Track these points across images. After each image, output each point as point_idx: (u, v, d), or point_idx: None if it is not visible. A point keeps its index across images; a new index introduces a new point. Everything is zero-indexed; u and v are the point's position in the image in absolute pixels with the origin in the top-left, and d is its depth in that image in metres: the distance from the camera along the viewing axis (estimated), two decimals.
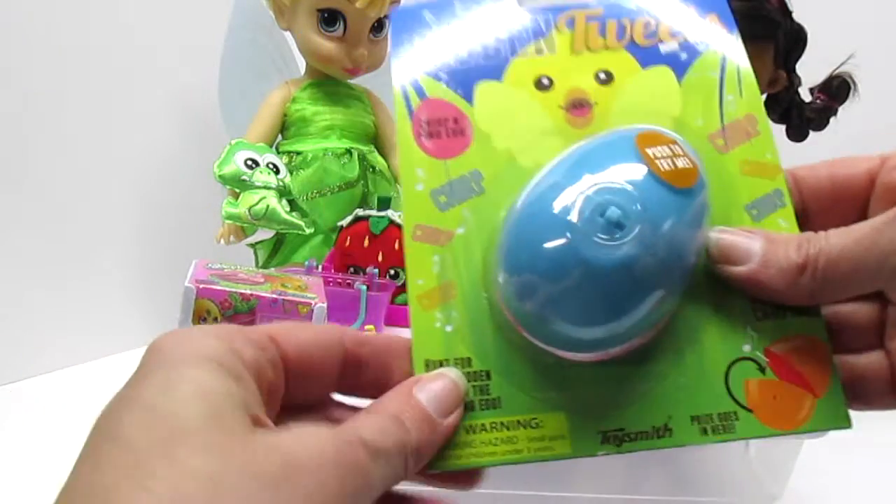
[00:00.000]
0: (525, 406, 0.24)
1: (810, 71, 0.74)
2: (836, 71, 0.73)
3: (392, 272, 0.73)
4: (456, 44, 0.28)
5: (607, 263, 0.22)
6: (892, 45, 0.98)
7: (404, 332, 0.25)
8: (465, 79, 0.27)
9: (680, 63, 0.27)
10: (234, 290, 0.56)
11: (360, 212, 0.74)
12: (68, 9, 0.83)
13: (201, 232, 0.81)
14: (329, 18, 0.77)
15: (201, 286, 0.55)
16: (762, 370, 0.24)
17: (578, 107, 0.27)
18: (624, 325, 0.23)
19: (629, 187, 0.23)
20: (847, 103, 0.74)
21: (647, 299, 0.23)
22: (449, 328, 0.25)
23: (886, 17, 1.05)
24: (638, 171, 0.23)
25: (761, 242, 0.24)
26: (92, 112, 0.86)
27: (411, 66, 0.28)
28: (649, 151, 0.24)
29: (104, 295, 0.90)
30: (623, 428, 0.24)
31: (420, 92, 0.27)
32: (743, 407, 0.24)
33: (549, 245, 0.23)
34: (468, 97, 0.27)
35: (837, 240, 0.23)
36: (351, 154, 0.79)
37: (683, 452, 0.70)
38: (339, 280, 0.70)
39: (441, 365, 0.24)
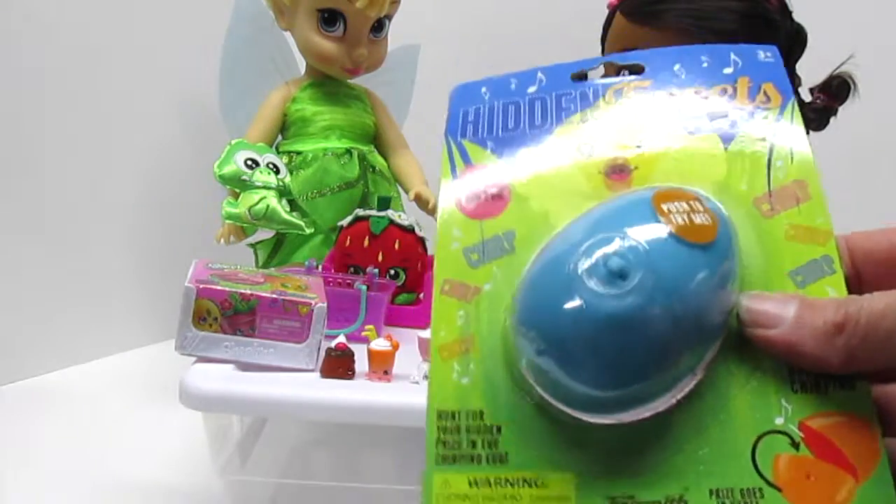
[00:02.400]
0: (531, 463, 0.24)
1: (810, 71, 0.74)
2: (836, 71, 0.73)
3: (392, 272, 0.73)
4: (505, 115, 0.29)
5: (611, 313, 0.22)
6: (893, 45, 0.98)
7: (405, 332, 0.25)
8: (509, 145, 0.28)
9: (727, 131, 0.27)
10: (234, 290, 0.56)
11: (360, 212, 0.74)
12: (68, 9, 0.83)
13: (201, 232, 0.81)
14: (329, 18, 0.77)
15: (201, 286, 0.55)
16: (795, 446, 0.22)
17: (618, 171, 0.27)
18: (631, 384, 0.23)
19: (637, 240, 0.22)
20: (847, 103, 0.74)
21: (655, 357, 0.22)
22: (465, 380, 0.25)
23: (886, 17, 1.05)
24: (649, 225, 0.23)
25: (796, 306, 0.22)
26: (92, 112, 0.86)
27: (461, 133, 0.29)
28: (664, 206, 0.23)
29: (104, 295, 0.90)
30: (633, 496, 0.23)
31: (465, 157, 0.28)
32: (770, 484, 0.22)
33: (554, 297, 0.23)
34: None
35: (882, 298, 0.21)
36: (351, 154, 0.79)
37: None
38: (339, 280, 0.70)
39: (453, 417, 0.24)
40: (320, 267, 0.72)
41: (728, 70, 0.28)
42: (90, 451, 0.67)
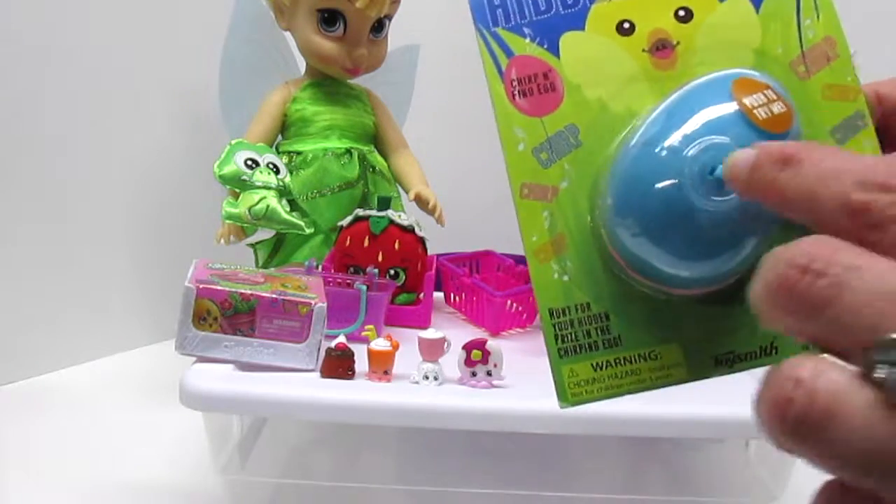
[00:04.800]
0: (643, 341, 0.27)
1: None
2: None
3: (392, 272, 0.73)
4: None
5: (715, 215, 0.24)
6: (893, 44, 0.98)
7: (405, 332, 0.25)
8: (548, 31, 0.28)
9: None
10: (234, 290, 0.56)
11: (360, 212, 0.74)
12: (68, 9, 0.83)
13: (201, 232, 0.81)
14: (329, 18, 0.77)
15: (201, 286, 0.56)
16: None
17: (661, 48, 0.28)
18: (726, 266, 0.25)
19: (731, 141, 0.24)
20: None
21: (747, 243, 0.25)
22: (566, 277, 0.27)
23: (886, 16, 1.05)
24: (738, 123, 0.25)
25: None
26: (92, 112, 0.86)
27: (492, 21, 0.28)
28: (746, 101, 0.25)
29: (104, 295, 0.90)
30: (733, 350, 0.26)
31: (507, 50, 0.28)
32: None
33: (659, 201, 0.25)
34: (554, 50, 0.28)
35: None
36: (351, 154, 0.79)
37: (684, 452, 0.70)
38: (339, 280, 0.70)
39: (563, 312, 0.27)
40: (320, 267, 0.72)
41: None
42: (90, 451, 0.67)
